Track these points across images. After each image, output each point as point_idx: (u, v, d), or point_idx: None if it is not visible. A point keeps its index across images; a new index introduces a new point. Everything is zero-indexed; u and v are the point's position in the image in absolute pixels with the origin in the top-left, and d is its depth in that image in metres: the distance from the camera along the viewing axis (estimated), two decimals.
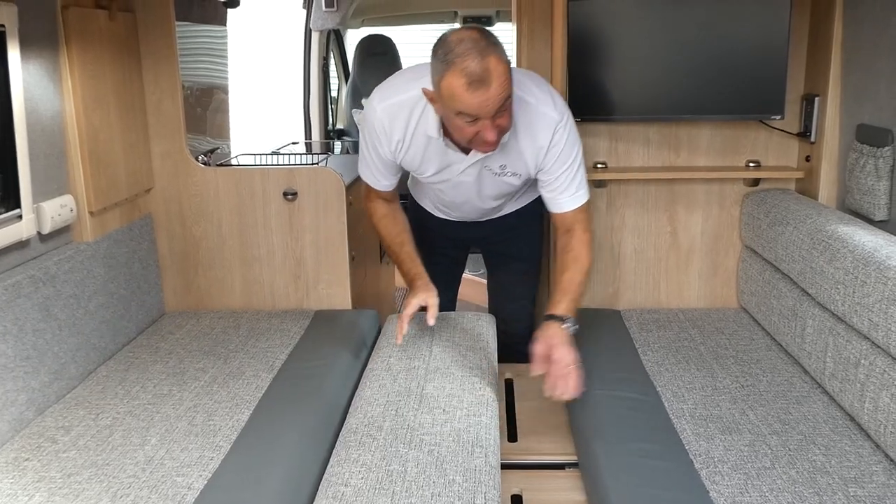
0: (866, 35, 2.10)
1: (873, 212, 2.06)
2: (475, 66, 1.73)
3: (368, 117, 2.10)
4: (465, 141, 1.91)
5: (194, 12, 2.96)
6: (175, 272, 2.74)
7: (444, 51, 1.78)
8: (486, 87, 1.74)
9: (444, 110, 1.86)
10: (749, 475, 1.63)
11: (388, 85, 2.09)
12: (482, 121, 1.80)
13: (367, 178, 2.25)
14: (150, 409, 2.00)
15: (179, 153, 2.65)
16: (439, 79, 1.79)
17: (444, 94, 1.79)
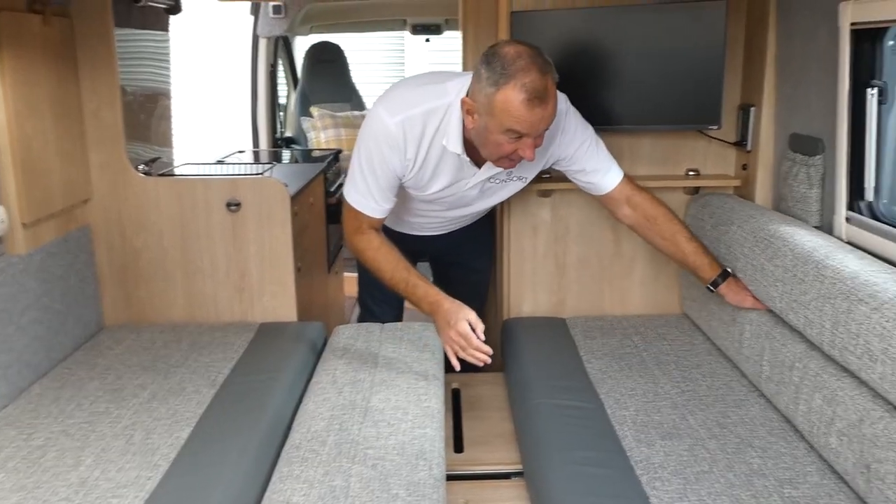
0: (797, 48, 2.17)
1: (806, 218, 2.12)
2: (537, 83, 1.73)
3: (376, 134, 1.97)
4: (496, 157, 1.88)
5: (134, 18, 2.89)
6: (114, 285, 2.67)
7: (501, 63, 1.75)
8: (545, 106, 1.75)
9: (489, 124, 1.81)
10: (688, 480, 1.65)
11: (396, 97, 2.00)
12: (525, 139, 1.80)
13: (362, 206, 2.07)
14: (85, 427, 1.93)
15: (119, 162, 2.59)
16: (494, 91, 1.76)
17: (498, 108, 1.76)
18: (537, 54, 1.77)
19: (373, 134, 1.98)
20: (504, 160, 1.90)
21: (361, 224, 2.09)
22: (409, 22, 5.90)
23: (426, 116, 1.94)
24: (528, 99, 1.73)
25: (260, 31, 5.41)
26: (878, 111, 1.85)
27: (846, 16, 1.83)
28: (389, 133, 1.94)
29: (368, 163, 2.00)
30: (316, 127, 5.59)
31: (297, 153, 5.00)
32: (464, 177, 2.06)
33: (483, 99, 1.80)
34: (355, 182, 2.05)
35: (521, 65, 1.73)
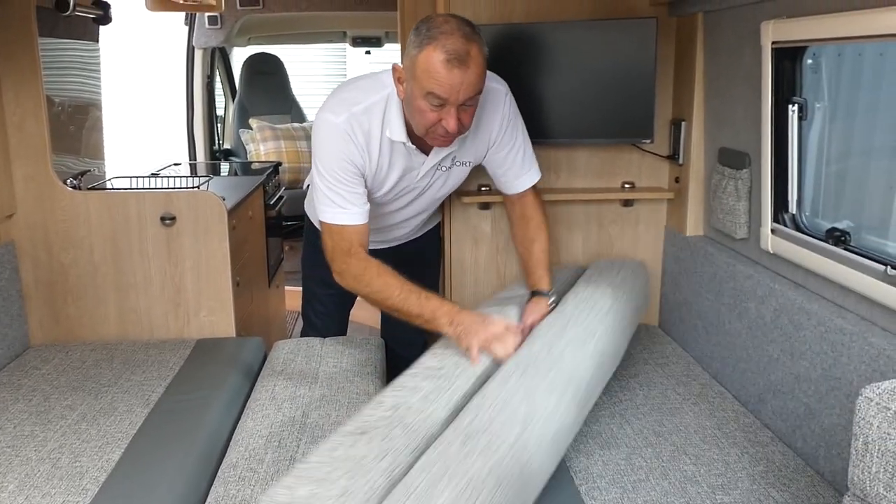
0: (724, 65, 2.25)
1: (735, 230, 2.19)
2: (458, 46, 1.72)
3: (329, 136, 1.92)
4: (423, 128, 1.85)
5: (61, 27, 2.80)
6: (41, 303, 2.57)
7: (427, 27, 1.76)
8: (464, 69, 1.73)
9: (413, 89, 1.80)
10: (625, 488, 1.68)
11: (337, 100, 1.96)
12: (448, 107, 1.78)
13: (346, 218, 1.94)
14: (8, 452, 1.85)
15: (44, 176, 2.50)
16: (417, 52, 1.75)
17: (420, 69, 1.75)
18: (466, 24, 1.77)
19: (326, 138, 1.94)
20: (434, 136, 1.87)
21: (351, 243, 1.95)
22: (350, 34, 5.90)
23: (369, 112, 1.94)
24: (447, 59, 1.71)
25: (196, 42, 5.32)
26: (799, 126, 1.93)
27: (768, 35, 1.90)
28: (341, 131, 1.92)
29: (331, 171, 1.94)
30: (255, 139, 5.52)
31: (236, 166, 4.92)
32: (413, 166, 2.05)
33: (409, 63, 1.79)
34: (327, 197, 1.95)
35: (446, 28, 1.74)
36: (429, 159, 2.04)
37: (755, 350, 2.02)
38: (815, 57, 1.91)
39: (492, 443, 1.41)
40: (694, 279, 2.40)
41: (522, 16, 2.46)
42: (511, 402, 1.54)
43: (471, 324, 1.80)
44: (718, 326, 2.22)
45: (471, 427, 1.46)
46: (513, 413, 1.50)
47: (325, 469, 1.38)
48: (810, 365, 1.78)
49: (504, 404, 1.52)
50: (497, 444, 1.41)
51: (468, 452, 1.38)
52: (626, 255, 2.68)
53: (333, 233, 1.97)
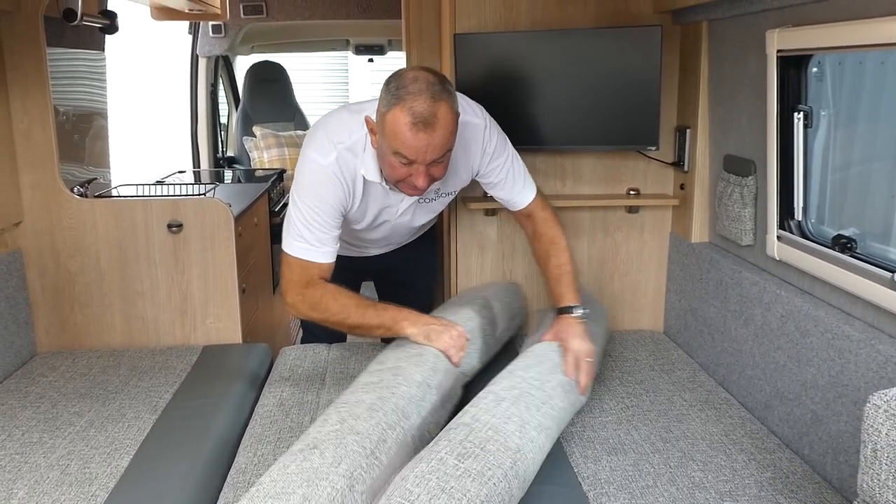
0: (728, 72, 2.26)
1: (740, 237, 2.19)
2: (424, 108, 1.70)
3: (318, 177, 1.91)
4: (393, 180, 1.86)
5: (68, 37, 2.82)
6: (48, 310, 2.58)
7: (396, 84, 1.75)
8: (430, 132, 1.72)
9: (382, 144, 1.80)
10: (633, 494, 1.68)
11: (322, 138, 1.94)
12: (416, 165, 1.77)
13: (313, 255, 1.94)
14: (17, 458, 1.86)
15: (52, 184, 2.51)
16: (385, 111, 1.75)
17: (387, 129, 1.75)
18: (437, 82, 1.75)
19: (316, 180, 1.92)
20: (405, 187, 1.88)
21: (312, 276, 1.95)
22: (353, 42, 5.92)
23: (353, 150, 1.93)
24: (412, 123, 1.70)
25: (200, 51, 5.35)
26: (805, 134, 1.94)
27: (773, 43, 1.91)
28: (330, 174, 1.91)
29: (312, 209, 1.91)
30: (259, 147, 5.53)
31: (240, 173, 4.94)
32: (391, 203, 2.06)
33: (379, 119, 1.79)
34: (300, 233, 1.93)
35: (414, 89, 1.72)
36: (407, 197, 2.05)
37: (761, 357, 2.02)
38: (820, 65, 1.92)
39: (486, 469, 1.43)
40: (699, 286, 2.40)
41: (527, 24, 2.47)
42: (504, 429, 1.55)
43: (434, 325, 1.91)
44: (724, 333, 2.23)
45: (464, 445, 1.46)
46: (505, 441, 1.52)
47: (281, 484, 1.38)
48: (817, 372, 1.78)
49: (496, 431, 1.53)
50: (491, 473, 1.43)
51: (463, 473, 1.40)
52: (631, 262, 2.69)
53: (294, 266, 1.95)
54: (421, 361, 1.85)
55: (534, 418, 1.63)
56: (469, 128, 2.02)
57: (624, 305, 2.71)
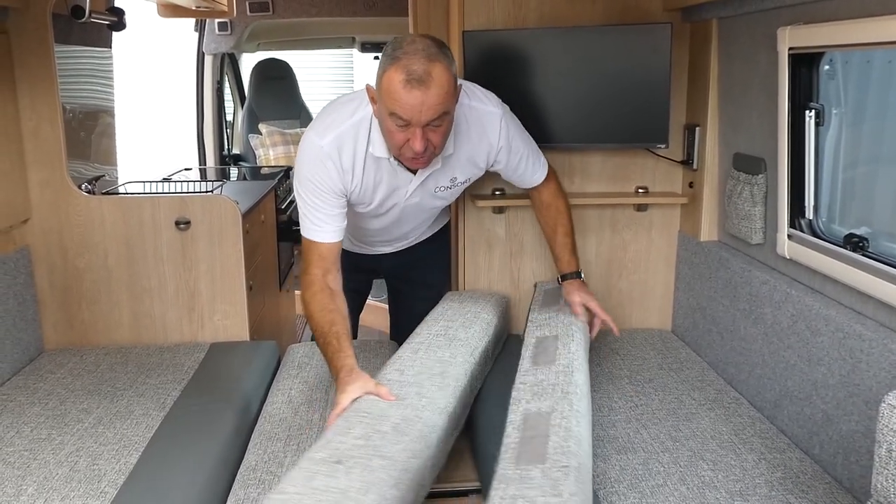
0: (738, 70, 2.25)
1: (750, 236, 2.18)
2: (418, 67, 1.71)
3: (311, 157, 1.94)
4: (395, 148, 1.87)
5: (76, 34, 2.82)
6: (56, 307, 2.58)
7: (393, 47, 1.77)
8: (424, 89, 1.71)
9: (380, 109, 1.81)
10: (643, 493, 1.68)
11: (322, 122, 1.98)
12: (412, 128, 1.77)
13: (313, 233, 1.97)
14: (25, 455, 1.86)
15: (60, 181, 2.51)
16: (382, 72, 1.76)
17: (383, 89, 1.76)
18: (434, 45, 1.76)
19: (308, 159, 1.95)
20: (406, 158, 1.88)
21: (313, 263, 1.96)
22: (358, 40, 5.91)
23: (355, 129, 1.95)
24: (405, 80, 1.70)
25: (205, 48, 5.34)
26: (816, 132, 1.93)
27: (784, 41, 1.90)
28: (324, 154, 1.93)
29: (311, 190, 1.96)
30: (265, 144, 5.53)
31: (246, 170, 4.94)
32: (400, 184, 2.06)
33: (377, 82, 1.80)
34: (304, 213, 1.98)
35: (409, 49, 1.73)
36: (416, 178, 2.04)
37: (771, 356, 2.02)
38: (832, 63, 1.91)
39: None
40: (708, 284, 2.39)
41: (536, 21, 2.46)
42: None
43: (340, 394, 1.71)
44: (733, 332, 2.22)
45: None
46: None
47: (308, 502, 1.34)
48: (828, 371, 1.77)
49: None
50: None
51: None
52: (639, 260, 2.68)
53: (306, 252, 2.00)
54: (444, 385, 1.81)
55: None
56: (485, 116, 2.03)
57: (632, 304, 2.70)
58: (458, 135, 2.00)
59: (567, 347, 1.95)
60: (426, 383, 1.79)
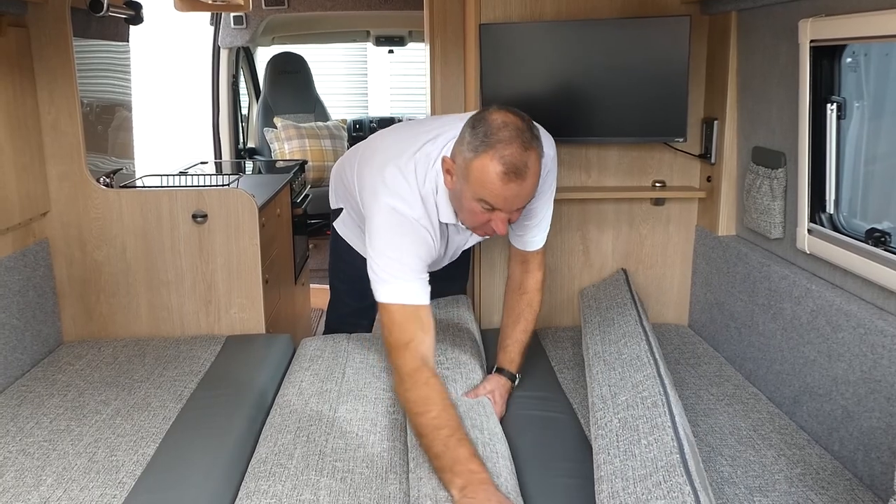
0: (758, 63, 2.22)
1: (769, 230, 2.16)
2: (517, 158, 1.63)
3: (399, 224, 1.80)
4: (470, 224, 1.81)
5: (93, 28, 2.83)
6: (74, 299, 2.60)
7: (485, 130, 1.67)
8: (521, 182, 1.65)
9: (464, 190, 1.72)
10: None
11: (398, 184, 1.83)
12: (498, 213, 1.71)
13: (411, 295, 1.76)
14: (45, 446, 1.87)
15: (78, 174, 2.53)
16: (473, 157, 1.67)
17: (473, 175, 1.67)
18: (526, 128, 1.68)
19: (398, 227, 1.81)
20: (481, 231, 1.83)
21: (415, 354, 1.72)
22: (373, 33, 5.91)
23: (429, 197, 1.85)
24: (504, 172, 1.63)
25: (221, 42, 5.36)
26: (838, 126, 1.90)
27: (806, 33, 1.88)
28: (419, 224, 1.82)
29: (403, 254, 1.79)
30: (280, 138, 5.55)
31: (261, 164, 4.95)
32: (460, 232, 2.02)
33: (462, 163, 1.71)
34: (391, 274, 1.77)
35: (504, 136, 1.64)
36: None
37: (790, 351, 2.00)
38: (854, 55, 1.89)
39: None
40: (726, 279, 2.38)
41: (553, 14, 2.45)
42: None
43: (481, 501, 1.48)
44: (752, 327, 2.20)
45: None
46: None
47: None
48: (848, 367, 1.76)
49: None
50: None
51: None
52: (656, 254, 2.66)
53: (394, 314, 1.77)
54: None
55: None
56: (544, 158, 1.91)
57: (648, 298, 2.69)
58: None
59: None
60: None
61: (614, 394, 1.78)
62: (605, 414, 1.72)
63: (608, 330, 2.15)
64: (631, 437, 1.56)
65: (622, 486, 1.44)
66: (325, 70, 7.14)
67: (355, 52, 7.78)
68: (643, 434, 1.55)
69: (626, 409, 1.68)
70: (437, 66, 2.70)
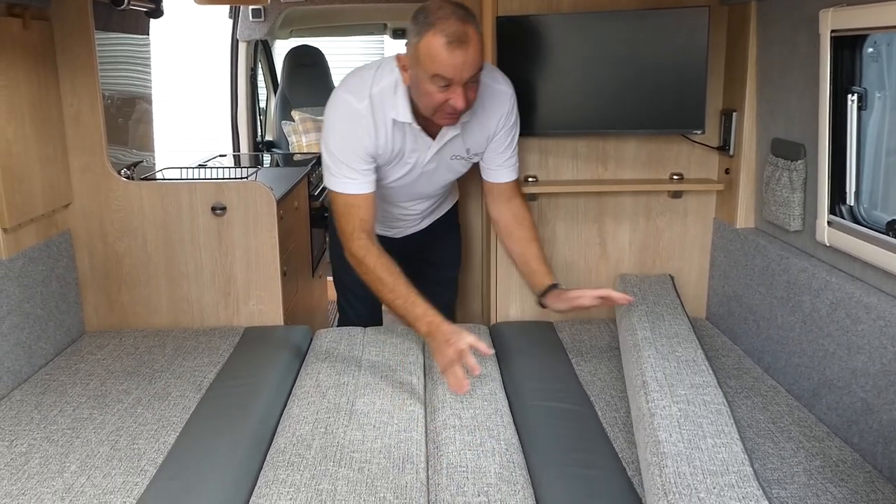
0: (777, 54, 2.20)
1: (788, 222, 2.15)
2: (456, 28, 1.82)
3: (345, 116, 2.04)
4: (431, 109, 1.95)
5: (114, 21, 2.86)
6: (96, 290, 2.64)
7: (424, 14, 1.86)
8: (465, 49, 1.82)
9: (418, 74, 1.90)
10: None
11: (353, 85, 2.07)
12: (454, 87, 1.87)
13: (349, 187, 2.08)
14: (69, 433, 1.91)
15: (100, 166, 2.56)
16: (418, 40, 1.85)
17: (422, 55, 1.85)
18: (458, 8, 1.86)
19: (343, 118, 2.05)
20: (442, 115, 1.96)
21: (353, 224, 2.08)
22: (390, 26, 5.91)
23: (380, 95, 2.04)
24: (447, 42, 1.81)
25: (239, 35, 5.38)
26: (858, 117, 1.88)
27: (826, 23, 1.86)
28: (360, 115, 2.03)
29: (342, 147, 2.06)
30: (297, 131, 5.57)
31: (279, 157, 4.98)
32: (419, 148, 2.13)
33: (411, 50, 1.89)
34: (334, 170, 2.08)
35: (441, 14, 1.84)
36: (434, 143, 2.12)
37: (809, 344, 1.99)
38: (876, 45, 1.87)
39: None
40: (744, 272, 2.36)
41: (571, 6, 2.44)
42: None
43: (438, 346, 1.93)
44: (770, 320, 2.19)
45: None
46: None
47: None
48: (868, 359, 1.74)
49: None
50: None
51: None
52: (673, 247, 2.65)
53: (340, 202, 2.10)
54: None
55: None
56: (497, 94, 2.13)
57: None
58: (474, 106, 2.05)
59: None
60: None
61: (671, 384, 1.85)
62: (662, 397, 1.78)
63: (658, 323, 2.21)
64: (695, 431, 1.64)
65: (689, 470, 1.51)
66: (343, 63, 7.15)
67: (372, 45, 7.79)
68: (708, 434, 1.63)
69: (685, 404, 1.75)
70: None
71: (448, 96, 1.89)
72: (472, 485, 1.62)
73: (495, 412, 1.94)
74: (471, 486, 1.62)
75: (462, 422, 1.87)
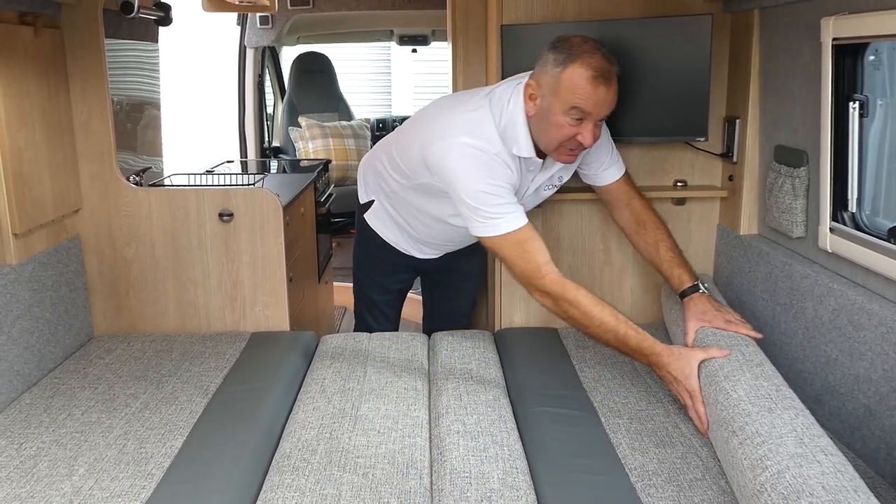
0: (780, 62, 2.22)
1: (791, 229, 2.16)
2: (602, 64, 1.86)
3: (481, 161, 1.95)
4: (557, 142, 1.94)
5: (124, 29, 2.90)
6: (105, 295, 2.67)
7: (568, 46, 1.89)
8: (608, 86, 1.87)
9: (552, 105, 1.90)
10: (682, 487, 1.67)
11: (469, 126, 1.99)
12: (586, 122, 1.88)
13: (512, 222, 1.96)
14: (77, 437, 1.93)
15: (109, 173, 2.59)
16: (561, 70, 1.87)
17: (564, 85, 1.87)
18: (601, 46, 1.91)
19: (479, 164, 1.96)
20: (564, 150, 1.96)
21: (536, 256, 1.96)
22: (396, 33, 5.95)
23: (506, 132, 2.01)
24: (593, 76, 1.84)
25: (247, 42, 5.43)
26: (860, 124, 1.89)
27: (828, 31, 1.87)
28: (497, 157, 1.97)
29: (491, 188, 1.96)
30: (304, 137, 5.61)
31: (286, 163, 5.01)
32: (524, 181, 2.12)
33: (549, 80, 1.90)
34: (491, 213, 1.95)
35: (587, 48, 1.87)
36: (539, 175, 2.12)
37: (812, 350, 1.99)
38: (878, 53, 1.88)
39: None
40: (748, 278, 2.37)
41: (575, 14, 2.46)
42: None
43: (667, 381, 1.91)
44: (773, 326, 2.20)
45: None
46: None
47: None
48: (871, 366, 1.75)
49: None
50: None
51: None
52: None
53: (512, 249, 1.98)
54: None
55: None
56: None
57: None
58: None
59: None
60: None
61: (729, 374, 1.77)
62: (726, 383, 1.74)
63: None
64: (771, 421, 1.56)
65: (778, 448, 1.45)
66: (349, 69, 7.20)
67: (379, 52, 7.83)
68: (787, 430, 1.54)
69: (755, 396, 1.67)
70: (460, 65, 2.72)
71: (578, 131, 1.90)
72: (476, 490, 1.64)
73: (499, 418, 1.95)
74: (474, 492, 1.63)
75: (466, 427, 1.89)
